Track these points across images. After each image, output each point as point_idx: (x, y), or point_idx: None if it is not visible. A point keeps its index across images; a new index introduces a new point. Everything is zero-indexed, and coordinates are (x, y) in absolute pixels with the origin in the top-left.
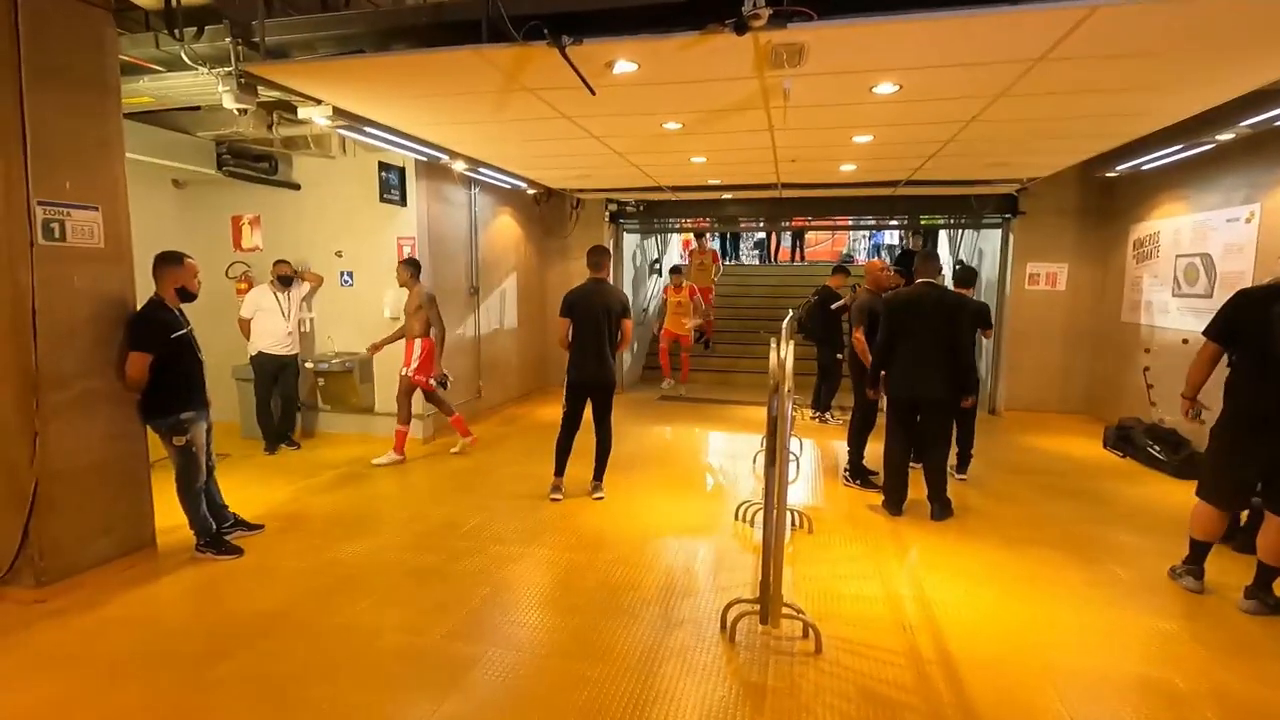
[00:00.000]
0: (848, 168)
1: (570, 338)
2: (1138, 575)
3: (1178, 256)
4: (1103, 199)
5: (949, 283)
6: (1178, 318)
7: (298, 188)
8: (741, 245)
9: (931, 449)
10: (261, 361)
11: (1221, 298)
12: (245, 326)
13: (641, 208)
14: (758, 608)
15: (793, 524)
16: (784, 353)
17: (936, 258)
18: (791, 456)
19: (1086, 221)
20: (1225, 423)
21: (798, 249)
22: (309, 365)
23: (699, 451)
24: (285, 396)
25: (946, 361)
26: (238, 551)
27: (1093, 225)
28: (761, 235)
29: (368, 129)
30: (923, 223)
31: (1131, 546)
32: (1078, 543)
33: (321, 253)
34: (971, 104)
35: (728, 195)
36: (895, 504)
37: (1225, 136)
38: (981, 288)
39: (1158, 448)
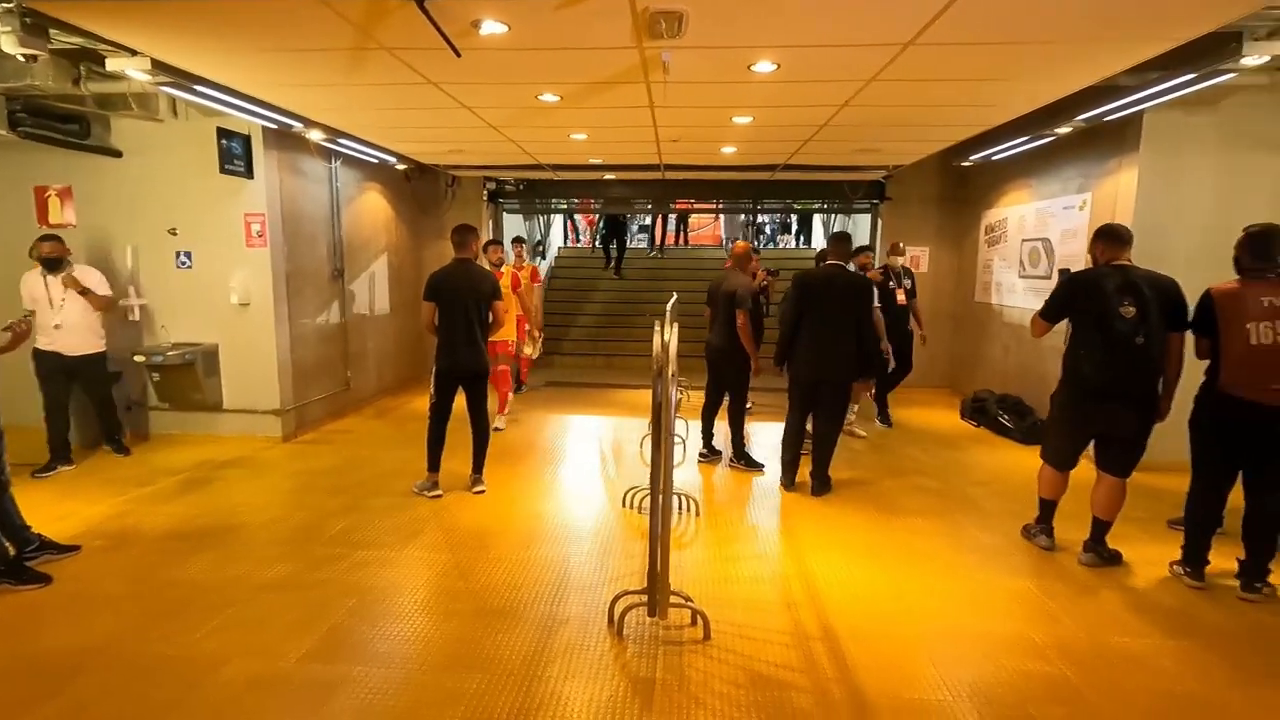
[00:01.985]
0: (729, 150)
1: (437, 323)
2: (1000, 539)
3: (1023, 240)
4: (959, 187)
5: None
6: (1023, 297)
7: (119, 155)
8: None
9: (825, 425)
10: (41, 360)
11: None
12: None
13: (522, 187)
14: (646, 599)
15: (681, 508)
16: (668, 336)
17: (849, 239)
18: (678, 440)
19: (945, 207)
20: (1063, 393)
21: (682, 233)
22: (139, 359)
23: (585, 438)
24: (96, 399)
25: (851, 343)
26: (44, 579)
27: (951, 211)
28: (647, 220)
29: (198, 88)
30: (798, 207)
31: (991, 511)
32: (944, 511)
33: (151, 230)
34: (846, 88)
35: (611, 176)
36: (790, 477)
37: (1063, 130)
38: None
39: (1006, 417)
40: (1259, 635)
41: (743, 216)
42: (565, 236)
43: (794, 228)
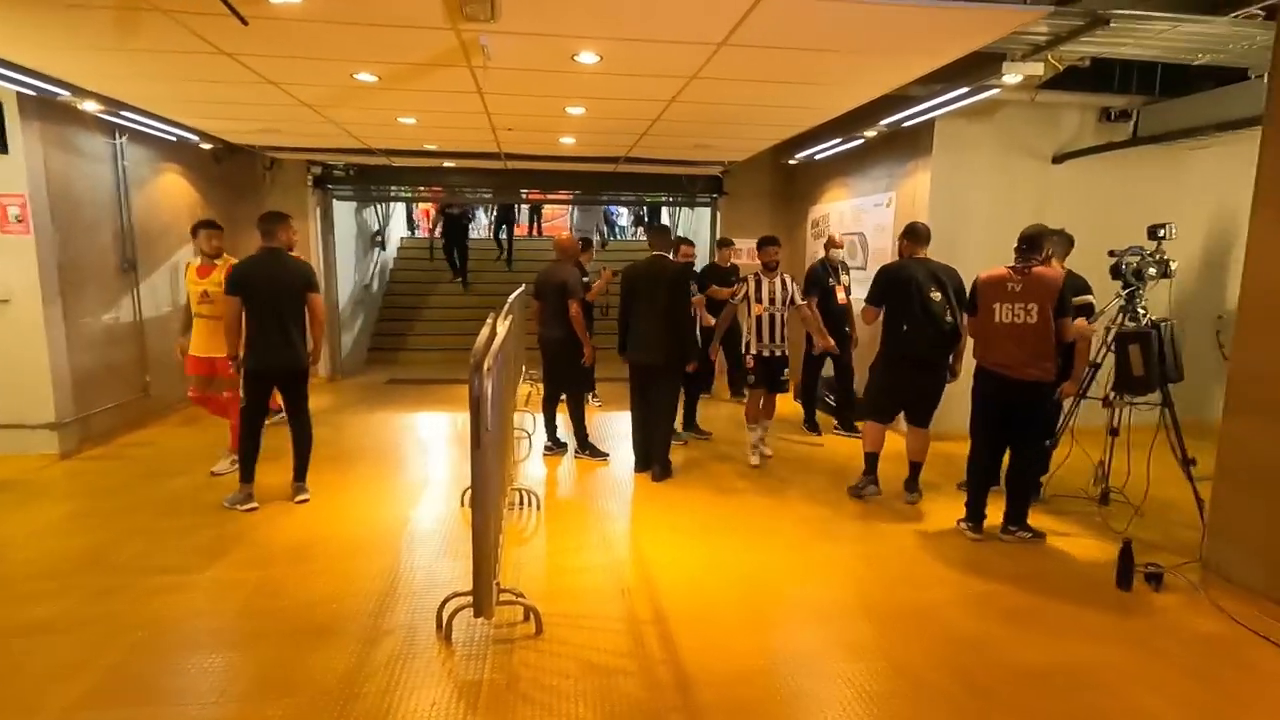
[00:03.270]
0: (567, 140)
1: (244, 319)
2: (824, 509)
3: (842, 234)
4: (788, 183)
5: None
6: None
7: None
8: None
9: (657, 412)
10: None
11: (874, 269)
12: None
13: (352, 172)
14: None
15: (522, 503)
16: (501, 328)
17: (668, 231)
18: (523, 434)
19: (777, 203)
20: (884, 363)
21: (535, 224)
22: None
23: (424, 437)
24: None
25: (672, 329)
26: None
27: (782, 206)
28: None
29: None
30: (648, 199)
31: (818, 486)
32: (776, 488)
33: None
34: (671, 83)
35: (450, 164)
36: (642, 463)
37: (870, 133)
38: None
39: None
40: (1025, 579)
41: (605, 209)
42: (411, 226)
43: (646, 220)
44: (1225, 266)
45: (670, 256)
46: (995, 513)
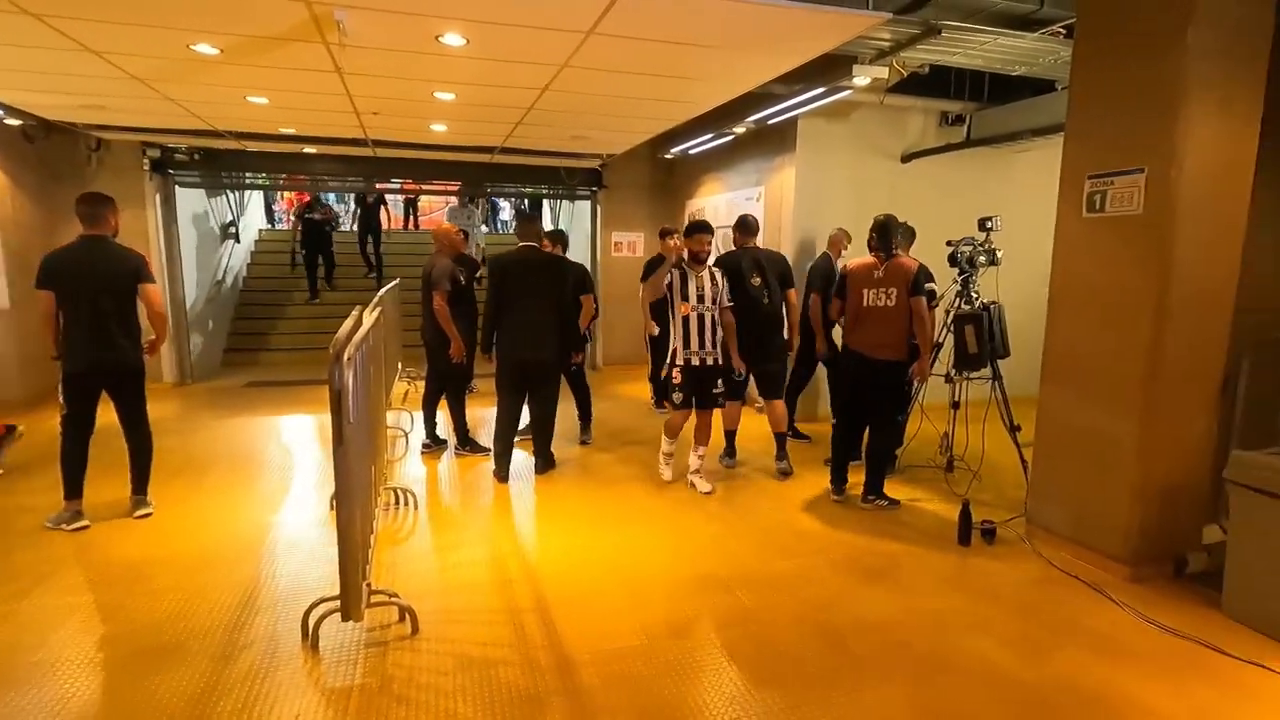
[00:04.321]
0: (439, 128)
1: (59, 315)
2: (697, 494)
3: (718, 228)
4: (667, 177)
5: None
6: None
7: None
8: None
9: (541, 408)
10: None
11: None
12: None
13: (198, 156)
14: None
15: (398, 503)
16: (367, 321)
17: (537, 219)
18: (400, 432)
19: (656, 196)
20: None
21: (411, 216)
22: None
23: (288, 441)
24: None
25: (553, 323)
26: None
27: (660, 199)
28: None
29: None
30: (528, 191)
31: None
32: (656, 474)
33: None
34: (543, 71)
35: (311, 149)
36: (504, 470)
37: (739, 130)
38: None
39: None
40: (881, 542)
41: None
42: (271, 218)
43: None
44: (1045, 256)
45: (538, 246)
46: (860, 484)
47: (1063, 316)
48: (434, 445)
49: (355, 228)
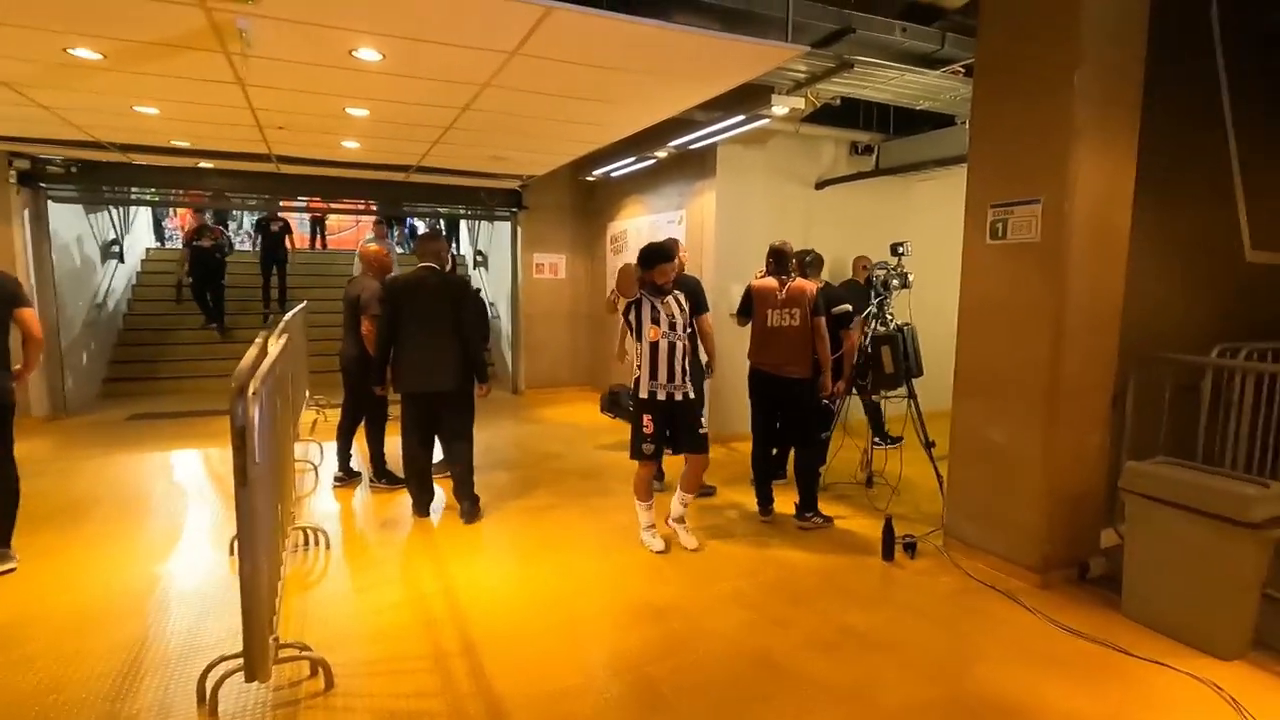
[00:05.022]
0: (351, 145)
1: None
2: (635, 515)
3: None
4: (588, 199)
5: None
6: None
7: None
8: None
9: (453, 443)
10: None
11: None
12: None
13: (75, 169)
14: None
15: (308, 543)
16: (271, 348)
17: (439, 237)
18: (309, 466)
19: (578, 218)
20: None
21: (318, 236)
22: None
23: (180, 480)
24: None
25: (455, 349)
26: None
27: (582, 221)
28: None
29: None
30: (443, 213)
31: (627, 491)
32: (586, 498)
33: None
34: (463, 90)
35: (207, 164)
36: (423, 507)
37: (661, 154)
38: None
39: (632, 405)
40: (810, 561)
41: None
42: (161, 236)
43: (443, 233)
44: (949, 278)
45: (437, 267)
46: (788, 503)
47: (972, 335)
48: (347, 478)
49: (258, 254)
